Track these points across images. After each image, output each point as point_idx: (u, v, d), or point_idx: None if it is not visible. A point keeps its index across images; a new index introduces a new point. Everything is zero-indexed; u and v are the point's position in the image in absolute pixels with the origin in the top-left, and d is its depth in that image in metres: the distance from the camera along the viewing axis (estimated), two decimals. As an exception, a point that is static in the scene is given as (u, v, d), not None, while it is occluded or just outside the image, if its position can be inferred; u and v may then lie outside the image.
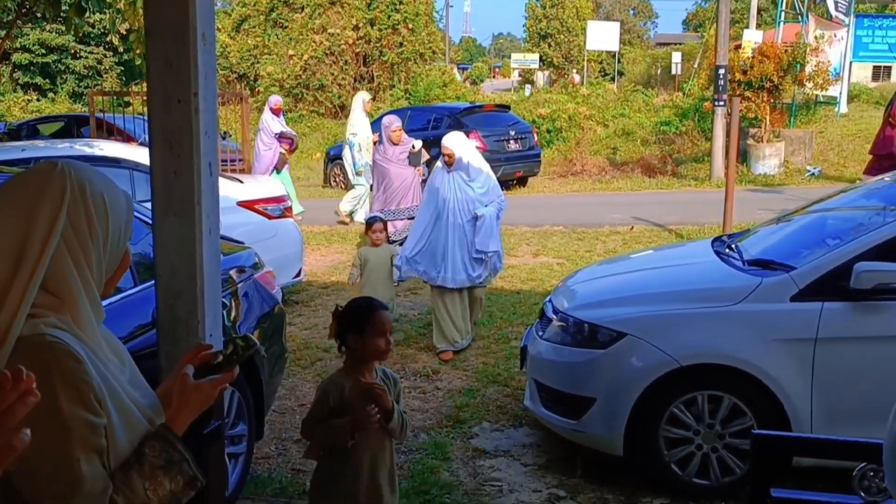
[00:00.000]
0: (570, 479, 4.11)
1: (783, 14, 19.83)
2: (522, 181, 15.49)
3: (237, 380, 1.68)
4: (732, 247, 4.62)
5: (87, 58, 31.47)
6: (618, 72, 36.78)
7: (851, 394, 3.73)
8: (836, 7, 18.66)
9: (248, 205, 6.87)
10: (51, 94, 30.97)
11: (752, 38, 18.19)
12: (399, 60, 26.91)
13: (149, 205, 2.46)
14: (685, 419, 3.87)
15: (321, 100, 26.26)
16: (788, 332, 3.78)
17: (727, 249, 4.60)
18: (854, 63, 20.44)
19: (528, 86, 35.88)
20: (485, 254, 5.77)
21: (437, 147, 6.27)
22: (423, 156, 9.50)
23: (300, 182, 15.73)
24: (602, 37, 29.42)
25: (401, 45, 26.89)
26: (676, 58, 30.13)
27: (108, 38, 14.28)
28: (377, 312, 2.65)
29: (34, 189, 1.41)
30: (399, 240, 7.93)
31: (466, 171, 5.79)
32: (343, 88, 26.41)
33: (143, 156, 4.89)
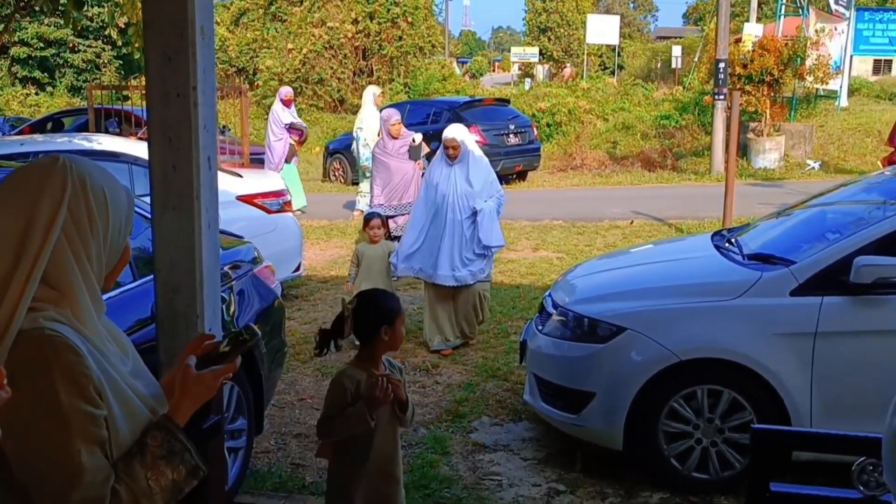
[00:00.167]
0: (570, 474, 4.12)
1: (783, 7, 19.81)
2: (522, 175, 15.48)
3: (237, 374, 1.68)
4: (732, 241, 4.62)
5: (86, 51, 31.40)
6: (618, 65, 36.74)
7: (851, 388, 3.73)
8: (837, 0, 18.64)
9: (248, 199, 6.86)
10: (49, 88, 30.91)
11: (753, 32, 18.17)
12: (398, 54, 26.86)
13: (147, 199, 2.46)
14: (685, 413, 3.87)
15: (320, 94, 26.21)
16: (788, 327, 3.78)
17: (727, 244, 4.60)
18: (855, 56, 20.40)
19: (528, 79, 35.84)
20: (489, 248, 5.68)
21: (437, 141, 6.22)
22: (424, 149, 9.42)
23: (300, 176, 15.70)
24: (602, 30, 29.38)
25: (400, 39, 26.84)
26: (676, 51, 30.05)
27: (107, 32, 14.25)
28: (399, 302, 2.80)
29: (35, 183, 1.42)
30: (400, 235, 7.88)
31: (468, 165, 5.68)
32: (342, 82, 26.37)
33: (142, 150, 4.89)
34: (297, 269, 7.23)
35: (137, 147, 5.99)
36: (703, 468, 3.90)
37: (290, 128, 11.66)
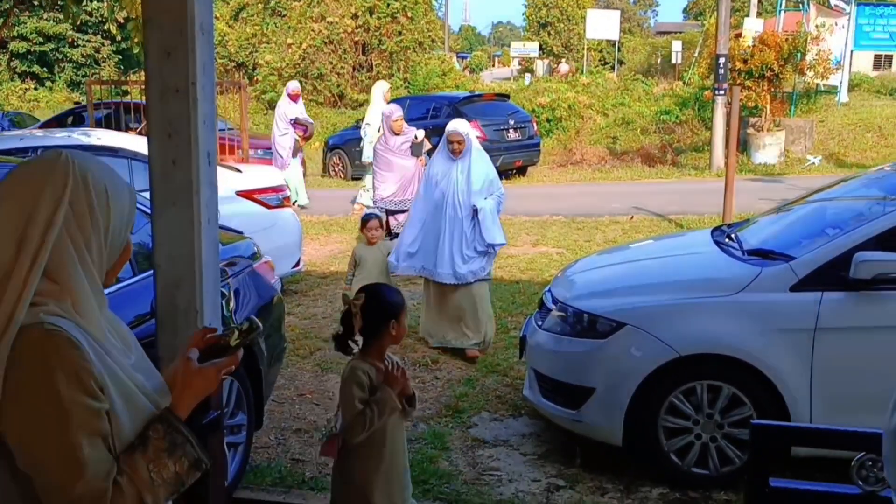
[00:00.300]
0: (569, 469, 4.12)
1: (784, 2, 19.76)
2: (522, 171, 15.47)
3: (237, 369, 1.68)
4: (732, 236, 4.62)
5: (85, 46, 31.37)
6: (618, 60, 36.66)
7: (850, 384, 3.73)
8: (837, -5, 18.60)
9: (247, 194, 6.86)
10: (48, 83, 30.89)
11: (753, 27, 18.11)
12: (398, 49, 26.80)
13: (147, 194, 2.46)
14: (684, 409, 3.88)
15: (320, 88, 26.15)
16: (788, 322, 3.78)
17: (727, 239, 4.60)
18: (855, 52, 20.36)
19: (528, 75, 35.78)
20: (492, 247, 5.59)
21: (437, 136, 6.17)
22: (426, 146, 9.37)
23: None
24: (602, 25, 29.29)
25: (400, 34, 26.77)
26: (677, 46, 30.01)
27: (106, 27, 14.24)
28: (402, 296, 2.85)
29: (38, 177, 1.44)
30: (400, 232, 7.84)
31: (470, 161, 5.59)
32: (342, 77, 26.31)
33: (142, 145, 4.88)
34: (297, 265, 7.22)
35: (137, 142, 5.99)
36: (703, 464, 3.90)
37: (295, 123, 11.63)
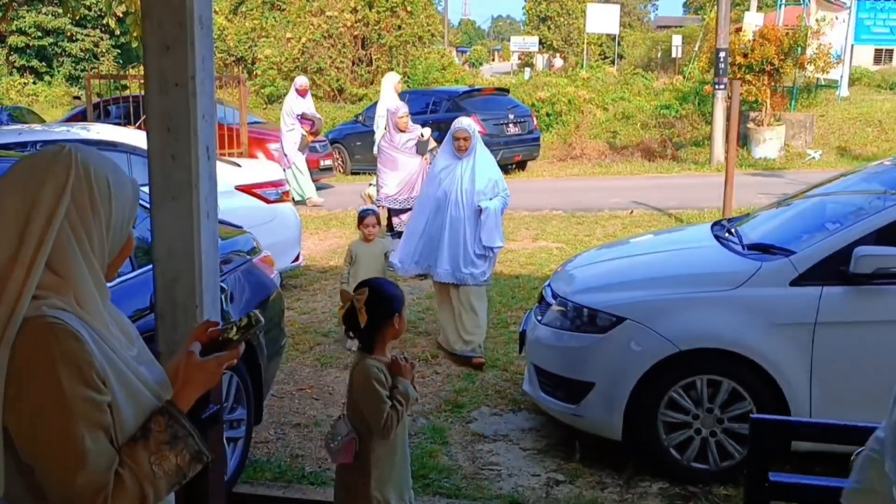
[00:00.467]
0: (569, 464, 4.12)
1: (784, -3, 19.72)
2: (521, 165, 15.45)
3: (238, 362, 1.68)
4: (732, 231, 4.61)
5: (84, 40, 31.29)
6: (618, 55, 36.61)
7: (850, 378, 3.74)
8: (838, -11, 18.56)
9: (246, 189, 6.85)
10: (47, 78, 30.83)
11: (753, 21, 18.07)
12: (397, 43, 26.74)
13: (146, 189, 2.45)
14: (684, 403, 3.88)
15: (319, 83, 26.09)
16: (788, 317, 3.78)
17: (727, 234, 4.60)
18: (856, 46, 20.32)
19: (528, 69, 35.73)
20: (490, 249, 5.51)
21: (437, 131, 6.11)
22: (431, 144, 9.26)
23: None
24: (602, 19, 29.24)
25: (399, 28, 26.71)
26: (677, 41, 29.94)
27: (105, 21, 14.19)
28: (401, 290, 2.87)
29: (40, 171, 1.45)
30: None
31: (475, 160, 5.49)
32: (341, 72, 26.26)
33: (140, 139, 4.88)
34: (296, 259, 7.22)
35: (135, 136, 5.98)
36: (703, 458, 3.91)
37: (302, 118, 11.61)
